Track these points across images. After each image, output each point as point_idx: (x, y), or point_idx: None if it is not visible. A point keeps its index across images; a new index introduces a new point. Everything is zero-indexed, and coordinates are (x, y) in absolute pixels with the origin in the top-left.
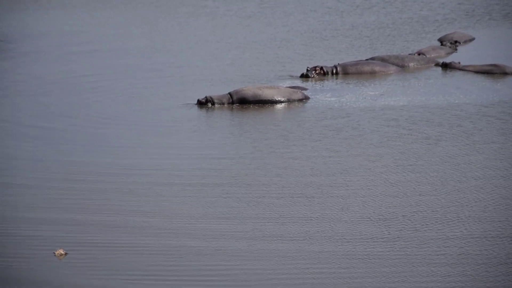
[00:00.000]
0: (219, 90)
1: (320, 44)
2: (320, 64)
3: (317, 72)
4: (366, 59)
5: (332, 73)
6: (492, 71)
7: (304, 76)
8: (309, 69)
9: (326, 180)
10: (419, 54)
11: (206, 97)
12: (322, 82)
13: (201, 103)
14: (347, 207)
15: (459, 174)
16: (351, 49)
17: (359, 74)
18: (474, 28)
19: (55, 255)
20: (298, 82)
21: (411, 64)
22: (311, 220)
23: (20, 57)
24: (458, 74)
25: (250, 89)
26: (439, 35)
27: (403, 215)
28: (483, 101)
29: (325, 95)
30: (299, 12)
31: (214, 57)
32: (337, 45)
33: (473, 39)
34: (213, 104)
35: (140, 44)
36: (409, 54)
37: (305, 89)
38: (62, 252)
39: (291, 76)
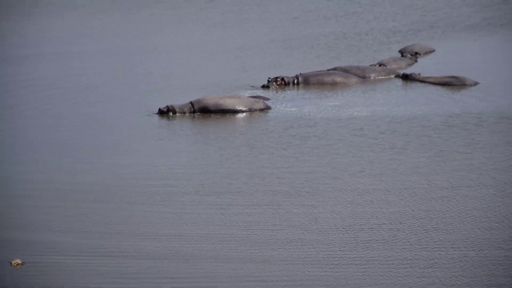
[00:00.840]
0: (181, 99)
1: (284, 53)
2: (282, 75)
3: (278, 83)
4: (328, 70)
5: (294, 84)
6: (452, 83)
7: (265, 87)
8: (270, 79)
9: (294, 188)
10: (380, 65)
11: (167, 106)
12: (283, 92)
13: (162, 112)
14: (316, 216)
15: (427, 184)
16: (314, 59)
17: (321, 84)
18: (435, 40)
19: (11, 265)
20: (260, 92)
21: (372, 75)
22: (280, 229)
23: None
24: (418, 85)
25: (211, 98)
26: (400, 47)
27: (371, 225)
28: (445, 112)
29: (286, 105)
30: (264, 21)
31: (177, 66)
32: (300, 54)
33: (433, 50)
34: (174, 113)
35: (103, 51)
36: (370, 65)
37: (267, 98)
38: (19, 262)
39: (253, 86)
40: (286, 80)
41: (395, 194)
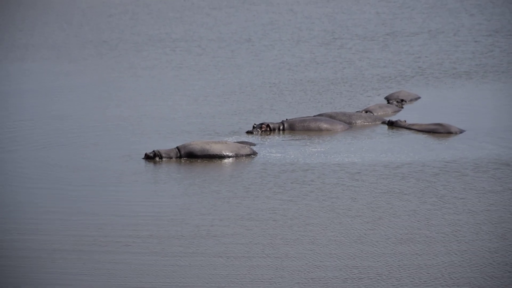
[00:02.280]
0: (168, 143)
1: (272, 98)
2: (268, 121)
3: (263, 129)
4: (314, 116)
5: (279, 130)
6: (437, 130)
7: (250, 133)
8: (255, 126)
9: (294, 232)
10: (366, 112)
11: (154, 151)
12: (269, 137)
13: (149, 157)
14: (320, 260)
15: (429, 228)
16: (302, 104)
17: (307, 130)
18: (422, 87)
19: None
20: (246, 137)
21: (358, 122)
22: (280, 276)
23: None
24: (404, 132)
25: (198, 144)
26: (386, 93)
27: (377, 270)
28: (435, 159)
29: (272, 150)
30: (255, 66)
31: (165, 110)
32: (288, 99)
33: (419, 98)
34: (161, 158)
35: (94, 95)
36: (357, 111)
37: (253, 144)
38: None
39: (237, 132)
40: (271, 126)
41: (397, 238)
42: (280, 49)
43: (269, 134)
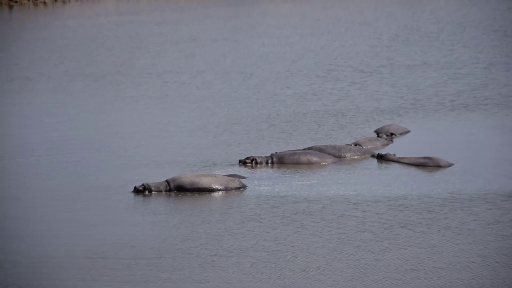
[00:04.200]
0: (156, 175)
1: (261, 131)
2: (257, 154)
3: (247, 163)
4: (304, 149)
5: (267, 163)
6: (426, 164)
7: (243, 165)
8: (241, 160)
9: (300, 263)
10: (355, 145)
11: (143, 184)
12: (259, 171)
13: (138, 191)
14: None
15: (439, 259)
16: (290, 137)
17: (296, 164)
18: (413, 120)
19: None
20: (236, 170)
21: (348, 155)
22: None
23: None
24: (393, 165)
25: (187, 177)
26: (376, 127)
27: None
28: (431, 191)
29: (262, 183)
30: (248, 97)
31: (159, 141)
32: (277, 133)
33: (408, 131)
34: (150, 191)
35: (88, 126)
36: (346, 144)
37: (243, 177)
38: None
39: (230, 164)
40: (258, 160)
41: (404, 269)
42: (274, 80)
43: (257, 167)
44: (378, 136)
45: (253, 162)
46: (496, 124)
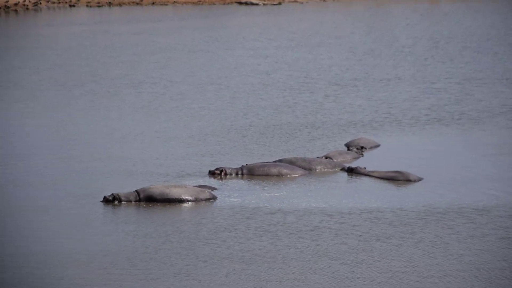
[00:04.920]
0: (128, 185)
1: (234, 142)
2: (228, 165)
3: (216, 174)
4: (274, 161)
5: (237, 175)
6: (396, 178)
7: (212, 175)
8: (211, 171)
9: (276, 274)
10: (326, 158)
11: (112, 194)
12: (230, 182)
13: (108, 200)
14: None
15: (414, 273)
16: (262, 149)
17: (266, 176)
18: (384, 134)
19: None
20: (207, 181)
21: (318, 168)
22: None
23: None
24: (363, 179)
25: (157, 188)
26: (347, 140)
27: None
28: (402, 206)
29: (233, 194)
30: (221, 108)
31: (132, 151)
32: (250, 144)
33: (379, 145)
34: (120, 201)
35: (62, 135)
36: (317, 157)
37: (214, 188)
38: None
39: (201, 175)
40: (227, 171)
41: (380, 281)
42: (248, 92)
43: (226, 178)
44: (348, 150)
45: (222, 173)
46: (468, 139)
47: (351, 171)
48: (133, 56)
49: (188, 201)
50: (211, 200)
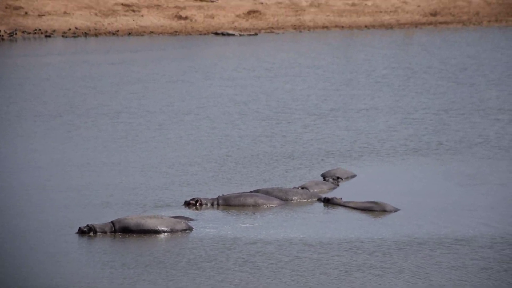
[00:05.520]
0: (105, 215)
1: (212, 172)
2: (204, 196)
3: (190, 205)
4: (250, 192)
5: (213, 205)
6: (372, 208)
7: (188, 206)
8: (186, 201)
9: None
10: (302, 188)
11: (88, 225)
12: (206, 212)
13: (83, 231)
14: None
15: None
16: (240, 179)
17: (242, 206)
18: (361, 165)
19: None
20: (184, 212)
21: (295, 198)
22: None
23: None
24: (340, 209)
25: (132, 218)
26: (324, 170)
27: None
28: (382, 236)
29: (210, 225)
30: (198, 138)
31: (105, 181)
32: (228, 174)
33: (355, 176)
34: (95, 232)
35: (34, 163)
36: (293, 188)
37: (190, 219)
38: None
39: (176, 205)
40: (203, 201)
41: None
42: (226, 122)
43: (201, 208)
44: (324, 180)
45: (198, 204)
46: (445, 169)
47: (327, 201)
48: (111, 86)
49: (164, 232)
50: (187, 231)
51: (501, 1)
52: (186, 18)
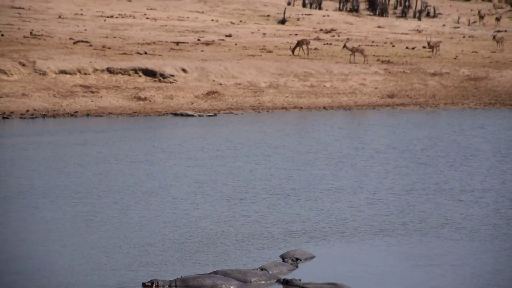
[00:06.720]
0: None
1: (172, 252)
2: (162, 278)
3: (147, 287)
4: (209, 273)
5: (170, 287)
6: None
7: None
8: (143, 284)
9: None
10: (261, 270)
11: (151, 280)
12: None
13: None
14: None
15: None
16: (198, 260)
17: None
18: (320, 245)
19: None
20: None
21: (254, 279)
22: None
23: None
24: None
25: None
26: (283, 251)
27: None
28: None
29: None
30: (155, 220)
31: (63, 263)
32: (188, 255)
33: (314, 257)
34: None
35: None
36: (252, 269)
37: None
38: None
39: (135, 287)
40: (160, 283)
41: None
42: (189, 203)
43: None
44: (283, 261)
45: (154, 285)
46: (409, 250)
47: (286, 283)
48: (74, 167)
49: None
50: None
51: (456, 84)
52: (145, 99)
